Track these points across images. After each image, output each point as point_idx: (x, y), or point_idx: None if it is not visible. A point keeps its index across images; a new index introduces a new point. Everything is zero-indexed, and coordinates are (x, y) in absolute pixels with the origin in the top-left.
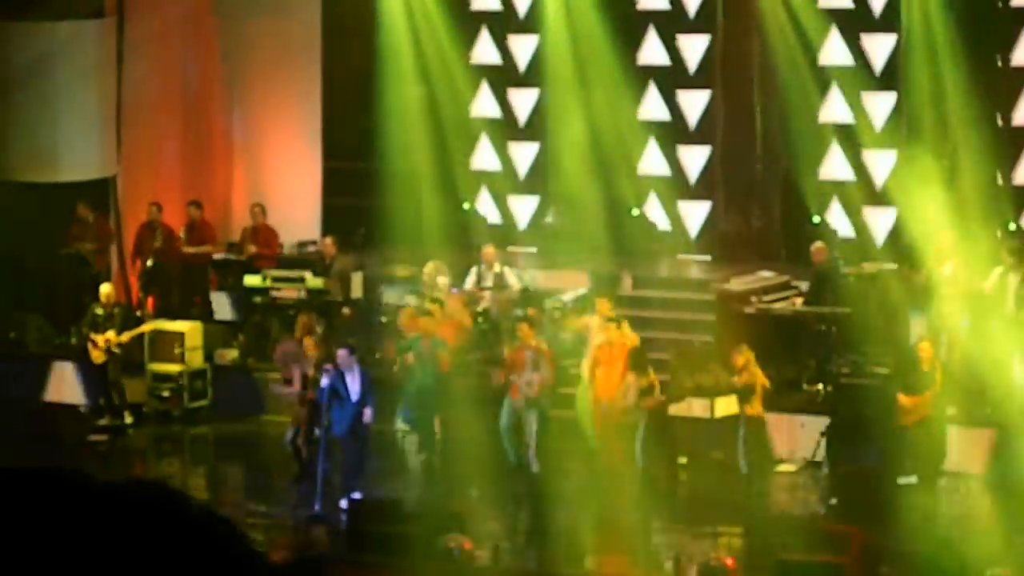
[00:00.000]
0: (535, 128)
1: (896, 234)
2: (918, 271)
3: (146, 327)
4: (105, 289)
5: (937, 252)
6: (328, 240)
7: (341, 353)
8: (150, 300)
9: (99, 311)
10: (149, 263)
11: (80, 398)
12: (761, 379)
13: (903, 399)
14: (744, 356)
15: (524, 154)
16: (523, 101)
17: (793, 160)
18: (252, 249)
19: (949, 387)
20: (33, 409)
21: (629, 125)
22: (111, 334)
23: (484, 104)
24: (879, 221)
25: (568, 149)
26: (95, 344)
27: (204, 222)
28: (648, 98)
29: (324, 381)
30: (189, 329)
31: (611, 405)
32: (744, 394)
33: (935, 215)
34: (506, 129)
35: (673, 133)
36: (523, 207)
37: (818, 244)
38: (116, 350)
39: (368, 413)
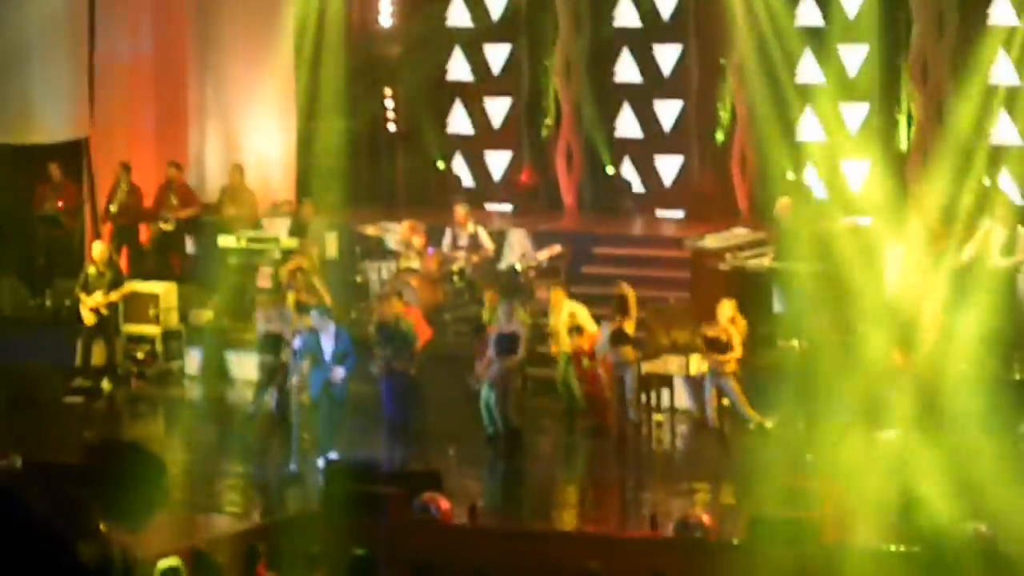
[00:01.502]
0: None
1: (871, 188)
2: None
3: (127, 289)
4: (97, 250)
5: (919, 207)
6: (306, 205)
7: (313, 314)
8: (123, 261)
9: (92, 271)
10: (119, 223)
11: (55, 359)
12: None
13: (896, 355)
14: (732, 308)
15: (498, 109)
16: (497, 55)
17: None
18: (232, 211)
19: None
20: (8, 371)
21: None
22: (99, 295)
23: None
24: (853, 176)
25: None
26: (86, 305)
27: (184, 184)
28: (622, 58)
29: (297, 342)
30: (164, 290)
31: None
32: (724, 347)
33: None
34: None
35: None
36: (497, 163)
37: (784, 200)
38: (104, 311)
39: (338, 372)
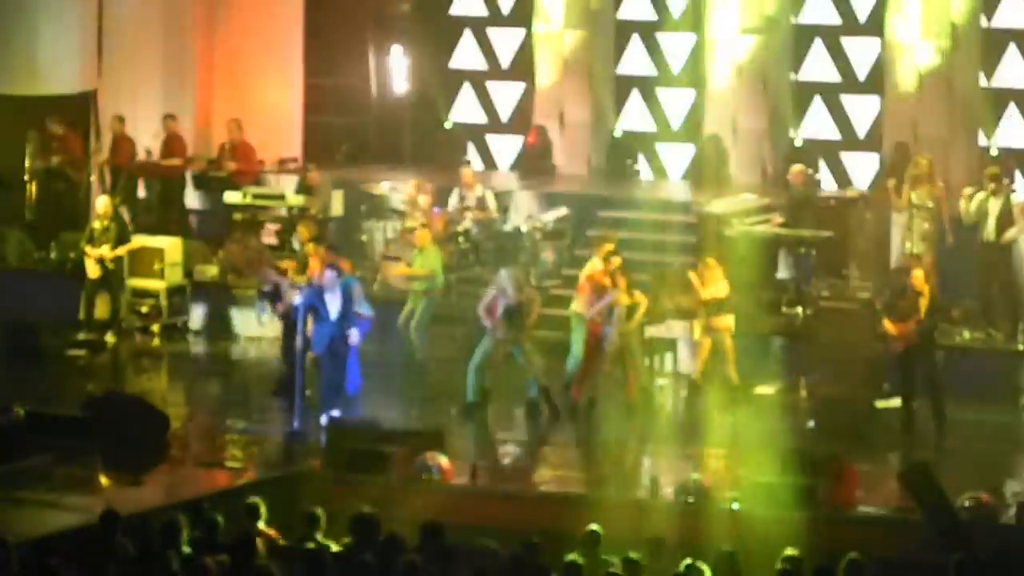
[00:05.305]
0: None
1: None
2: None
3: (135, 244)
4: (102, 204)
5: (916, 175)
6: (313, 172)
7: (328, 273)
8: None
9: (96, 225)
10: (120, 180)
11: (60, 313)
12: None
13: (889, 325)
14: (713, 268)
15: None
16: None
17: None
18: (232, 166)
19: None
20: (12, 323)
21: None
22: (105, 249)
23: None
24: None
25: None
26: (91, 259)
27: (175, 136)
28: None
29: (299, 299)
30: (169, 245)
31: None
32: (714, 307)
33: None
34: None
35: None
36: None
37: (797, 167)
38: (110, 265)
39: (354, 334)
